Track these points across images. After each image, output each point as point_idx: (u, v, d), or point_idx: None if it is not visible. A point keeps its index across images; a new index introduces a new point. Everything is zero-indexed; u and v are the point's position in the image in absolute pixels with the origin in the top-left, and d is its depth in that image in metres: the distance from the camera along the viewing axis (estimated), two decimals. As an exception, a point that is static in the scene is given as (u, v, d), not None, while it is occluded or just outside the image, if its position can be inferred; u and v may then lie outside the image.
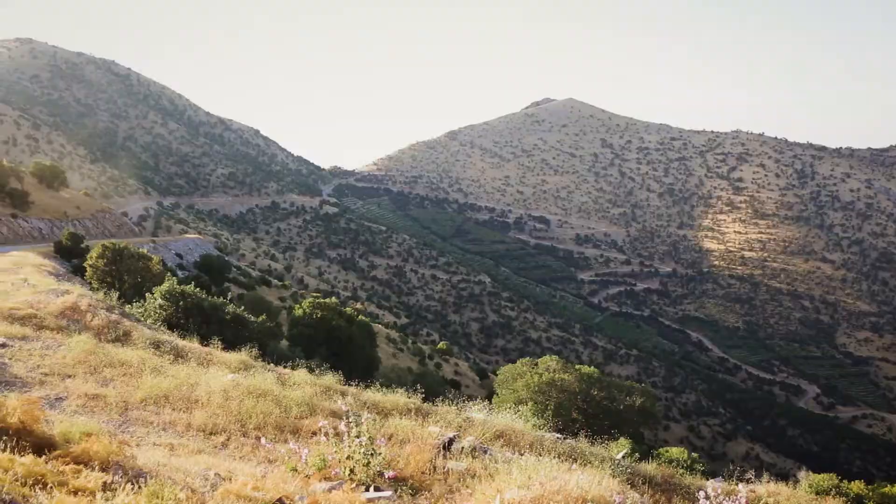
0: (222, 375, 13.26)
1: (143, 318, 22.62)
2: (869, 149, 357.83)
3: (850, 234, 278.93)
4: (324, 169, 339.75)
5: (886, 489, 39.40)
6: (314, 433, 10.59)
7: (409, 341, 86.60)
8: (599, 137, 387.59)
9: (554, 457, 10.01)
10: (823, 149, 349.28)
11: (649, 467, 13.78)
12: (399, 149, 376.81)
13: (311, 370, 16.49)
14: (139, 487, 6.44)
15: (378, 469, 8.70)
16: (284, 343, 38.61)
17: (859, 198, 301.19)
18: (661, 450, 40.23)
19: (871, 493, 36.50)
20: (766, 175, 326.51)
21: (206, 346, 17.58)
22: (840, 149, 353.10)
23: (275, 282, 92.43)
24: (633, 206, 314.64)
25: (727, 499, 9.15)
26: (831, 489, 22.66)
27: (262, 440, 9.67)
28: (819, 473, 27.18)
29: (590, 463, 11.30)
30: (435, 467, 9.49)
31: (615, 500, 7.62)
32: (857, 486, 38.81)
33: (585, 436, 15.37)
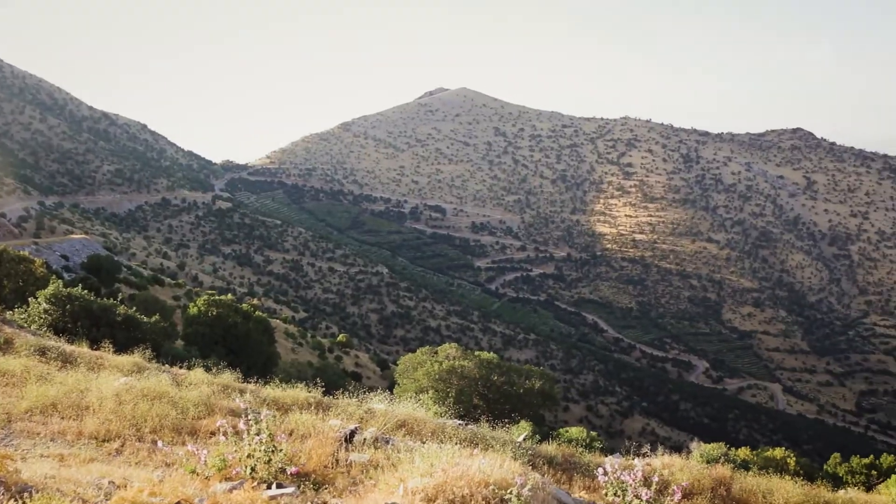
0: (114, 379, 12.72)
1: (26, 325, 21.55)
2: (748, 134, 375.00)
3: (732, 215, 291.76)
4: (215, 163, 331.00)
5: (769, 453, 42.07)
6: (213, 433, 10.39)
7: (309, 335, 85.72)
8: (492, 126, 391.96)
9: (456, 443, 10.00)
10: (707, 134, 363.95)
11: (550, 448, 14.01)
12: (292, 141, 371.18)
13: (208, 369, 16.15)
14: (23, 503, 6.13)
15: (280, 466, 8.61)
16: (180, 343, 37.91)
17: (740, 180, 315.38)
18: (561, 430, 41.04)
19: (755, 458, 38.74)
20: (654, 160, 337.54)
21: (96, 349, 16.88)
22: (721, 134, 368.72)
23: (168, 281, 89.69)
24: (528, 193, 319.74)
25: (624, 473, 9.56)
26: (720, 457, 23.67)
27: (159, 444, 9.35)
28: (709, 443, 28.59)
29: (491, 447, 11.34)
30: (338, 460, 9.47)
31: (516, 482, 7.69)
32: (743, 453, 41.19)
33: (487, 421, 15.56)
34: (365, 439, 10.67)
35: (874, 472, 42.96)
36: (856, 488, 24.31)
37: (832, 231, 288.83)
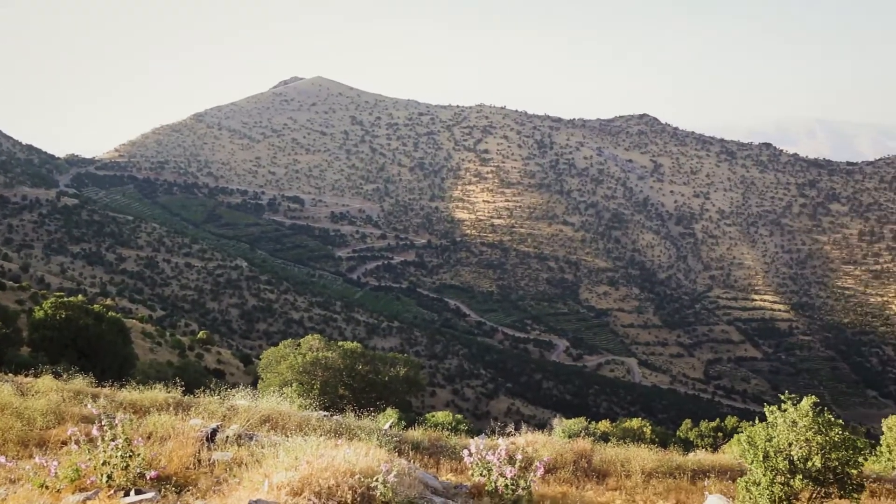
0: (-58, 395, 11.79)
1: None
2: (598, 120, 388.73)
3: (586, 199, 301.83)
4: (59, 158, 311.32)
5: (627, 424, 44.52)
6: (65, 443, 9.93)
7: (168, 334, 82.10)
8: (349, 115, 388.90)
9: (321, 435, 10.35)
10: (559, 120, 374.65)
11: (416, 433, 14.48)
12: (142, 134, 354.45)
13: (57, 375, 15.47)
14: None
15: (138, 471, 8.40)
16: (25, 350, 36.01)
17: (592, 164, 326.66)
18: (428, 415, 41.28)
19: (615, 430, 40.47)
20: (509, 146, 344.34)
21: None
22: (573, 120, 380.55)
23: (10, 284, 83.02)
24: (386, 182, 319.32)
25: (489, 453, 10.07)
26: (581, 431, 24.60)
27: (2, 459, 8.55)
28: (571, 419, 29.36)
29: (357, 437, 11.83)
30: (200, 461, 9.38)
31: (382, 469, 7.98)
32: (603, 425, 43.00)
33: (353, 410, 15.92)
34: (228, 437, 10.66)
35: (720, 434, 47.35)
36: (703, 450, 25.80)
37: (678, 211, 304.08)
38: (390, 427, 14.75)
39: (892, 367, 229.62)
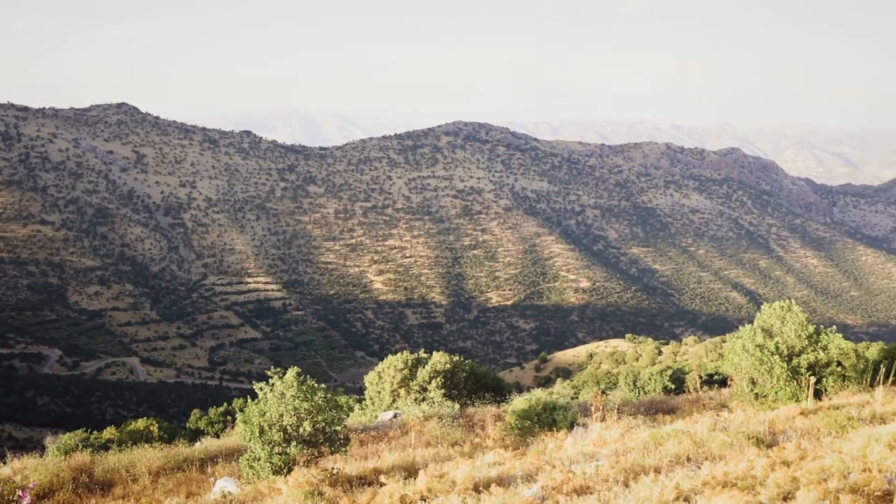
0: None
1: None
2: (72, 109, 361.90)
3: (65, 194, 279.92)
4: None
5: (132, 426, 42.86)
6: None
7: None
8: None
9: None
10: (27, 109, 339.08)
11: None
12: None
13: None
14: None
15: None
16: None
17: (69, 157, 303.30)
18: None
19: (120, 435, 39.43)
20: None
21: None
22: (44, 109, 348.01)
23: None
24: None
25: None
26: (79, 444, 23.82)
27: None
28: (67, 434, 28.17)
29: None
30: None
31: None
32: (108, 433, 41.23)
33: None
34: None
35: (229, 418, 47.25)
36: (209, 437, 27.05)
37: (165, 202, 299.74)
38: None
39: (373, 328, 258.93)
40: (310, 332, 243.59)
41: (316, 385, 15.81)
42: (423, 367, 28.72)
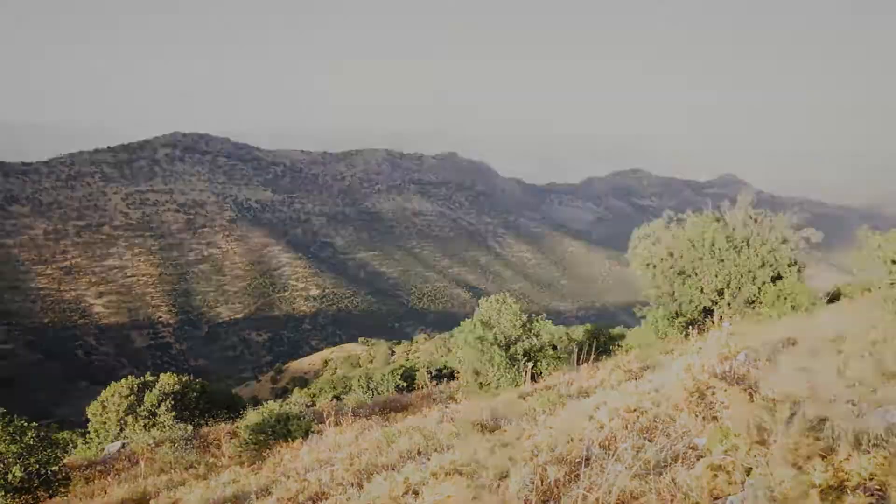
0: None
1: None
2: None
3: None
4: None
5: None
6: None
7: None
8: None
9: None
10: None
11: None
12: None
13: None
14: None
15: None
16: None
17: None
18: None
19: None
20: None
21: None
22: None
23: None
24: None
25: None
26: None
27: None
28: None
29: None
30: None
31: None
32: None
33: None
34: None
35: None
36: None
37: None
38: None
39: (97, 355, 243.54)
40: (24, 367, 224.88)
41: (26, 424, 14.60)
42: (151, 390, 28.11)
